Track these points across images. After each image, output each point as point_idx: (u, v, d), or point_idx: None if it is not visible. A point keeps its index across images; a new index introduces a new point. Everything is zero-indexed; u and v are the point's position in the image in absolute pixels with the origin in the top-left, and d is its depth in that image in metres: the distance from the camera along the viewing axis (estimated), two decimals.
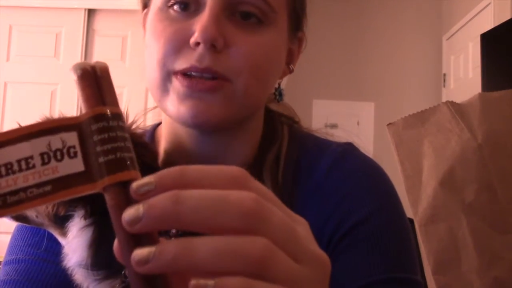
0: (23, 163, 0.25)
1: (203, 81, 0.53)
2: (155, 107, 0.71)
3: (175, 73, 0.55)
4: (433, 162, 0.77)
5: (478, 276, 0.73)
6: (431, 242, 0.76)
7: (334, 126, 3.28)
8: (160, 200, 0.25)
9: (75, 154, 0.25)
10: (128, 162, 0.26)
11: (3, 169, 0.25)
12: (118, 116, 0.26)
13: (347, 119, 3.50)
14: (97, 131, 0.25)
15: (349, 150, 0.64)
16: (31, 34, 3.05)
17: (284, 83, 0.68)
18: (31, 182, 0.25)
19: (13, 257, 0.60)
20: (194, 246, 0.24)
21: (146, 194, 0.25)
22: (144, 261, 0.24)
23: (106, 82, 0.27)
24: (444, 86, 3.54)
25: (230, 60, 0.54)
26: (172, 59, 0.54)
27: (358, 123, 3.54)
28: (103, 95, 0.26)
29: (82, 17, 3.04)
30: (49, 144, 0.25)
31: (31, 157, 0.25)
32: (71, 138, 0.26)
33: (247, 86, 0.55)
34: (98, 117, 0.26)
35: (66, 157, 0.25)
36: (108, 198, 0.25)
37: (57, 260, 0.57)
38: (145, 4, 0.62)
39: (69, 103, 2.87)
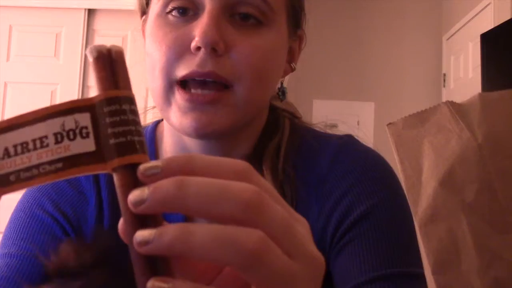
0: (37, 142, 0.26)
1: (203, 94, 0.53)
2: (155, 106, 0.71)
3: (177, 82, 0.54)
4: (433, 162, 0.77)
5: (478, 276, 0.72)
6: (431, 242, 0.76)
7: (334, 126, 3.28)
8: (165, 184, 0.25)
9: (87, 134, 0.26)
10: (138, 146, 0.26)
11: (19, 148, 0.26)
12: (130, 100, 0.27)
13: (347, 119, 3.50)
14: (109, 114, 0.26)
15: (350, 143, 0.64)
16: (31, 34, 3.05)
17: (285, 82, 0.69)
18: (44, 159, 0.26)
19: (6, 250, 0.59)
20: (191, 231, 0.25)
21: (152, 177, 0.26)
22: (145, 242, 0.25)
23: (120, 66, 0.27)
24: (444, 86, 3.54)
25: (232, 64, 0.54)
26: (174, 66, 0.54)
27: (358, 123, 3.54)
28: (116, 79, 0.27)
29: (82, 17, 3.04)
30: (63, 124, 0.26)
31: (46, 137, 0.26)
32: (84, 119, 0.26)
33: (249, 90, 0.55)
34: (111, 100, 0.26)
35: (78, 136, 0.26)
36: (116, 178, 0.26)
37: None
38: (144, 11, 0.62)
39: None
